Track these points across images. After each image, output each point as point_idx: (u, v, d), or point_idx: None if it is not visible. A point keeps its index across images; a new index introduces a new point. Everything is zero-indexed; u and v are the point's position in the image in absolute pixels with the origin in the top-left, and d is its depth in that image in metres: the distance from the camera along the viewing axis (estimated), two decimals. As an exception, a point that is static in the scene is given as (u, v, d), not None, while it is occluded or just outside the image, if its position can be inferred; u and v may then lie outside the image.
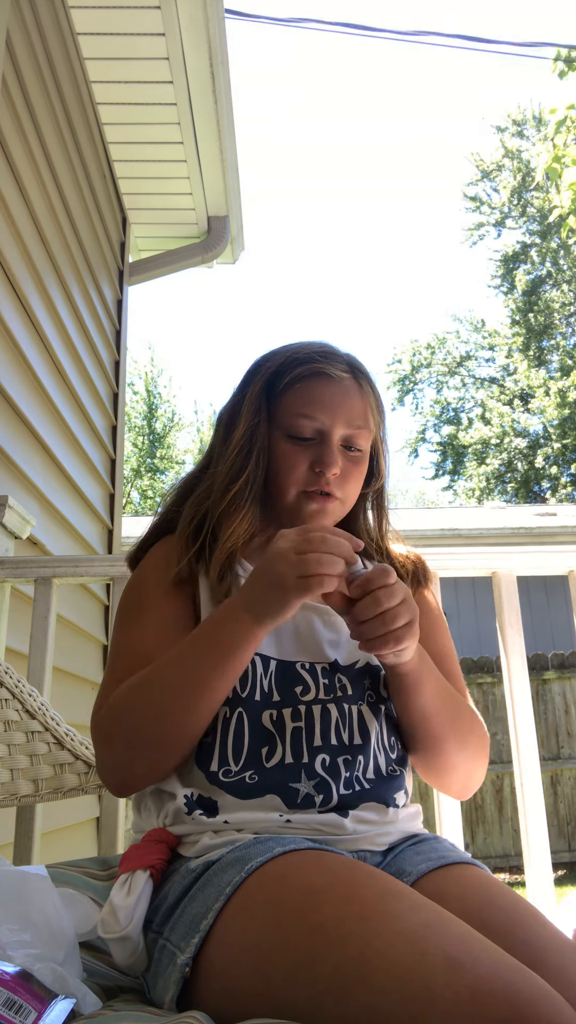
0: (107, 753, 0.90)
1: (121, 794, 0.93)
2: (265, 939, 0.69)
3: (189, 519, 1.02)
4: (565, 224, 6.83)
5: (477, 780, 1.03)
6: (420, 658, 0.91)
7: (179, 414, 20.77)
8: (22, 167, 2.19)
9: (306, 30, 5.77)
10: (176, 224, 3.75)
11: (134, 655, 0.93)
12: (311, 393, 1.00)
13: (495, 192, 20.42)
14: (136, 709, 0.87)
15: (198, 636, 0.88)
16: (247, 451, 1.01)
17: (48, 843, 2.08)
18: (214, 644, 0.86)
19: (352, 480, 1.02)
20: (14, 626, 1.72)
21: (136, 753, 0.89)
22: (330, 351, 1.04)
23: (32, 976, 0.68)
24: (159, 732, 0.87)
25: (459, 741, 0.98)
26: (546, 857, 1.42)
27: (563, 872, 5.75)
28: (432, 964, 0.60)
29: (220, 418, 1.08)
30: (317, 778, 0.88)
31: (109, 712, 0.89)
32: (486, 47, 6.31)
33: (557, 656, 6.36)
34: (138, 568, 1.06)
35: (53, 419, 2.48)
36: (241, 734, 0.89)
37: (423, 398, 21.05)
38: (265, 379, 1.03)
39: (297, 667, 0.95)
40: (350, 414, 1.00)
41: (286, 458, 1.00)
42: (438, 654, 1.04)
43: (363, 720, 0.94)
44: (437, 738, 0.96)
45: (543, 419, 19.21)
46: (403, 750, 0.99)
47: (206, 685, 0.86)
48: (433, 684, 0.95)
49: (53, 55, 2.51)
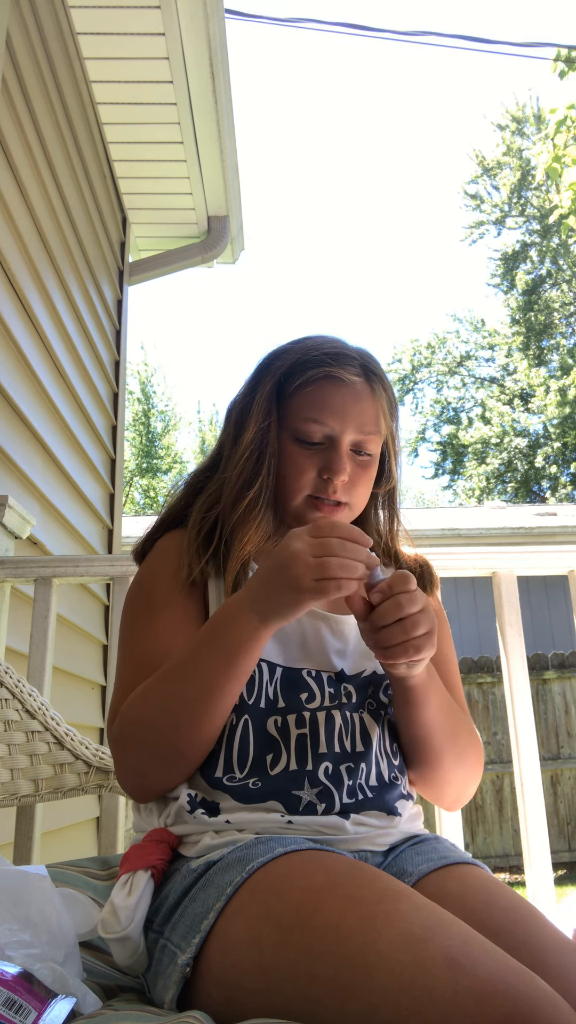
0: (126, 763, 0.90)
1: (143, 800, 0.93)
2: (266, 939, 0.69)
3: (199, 526, 1.00)
4: (565, 224, 6.83)
5: (469, 794, 1.03)
6: (428, 673, 0.90)
7: (179, 414, 20.75)
8: (22, 167, 2.19)
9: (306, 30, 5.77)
10: (176, 224, 3.74)
11: (146, 658, 0.93)
12: (321, 397, 0.98)
13: (495, 190, 20.41)
14: (150, 719, 0.87)
15: (204, 640, 0.87)
16: (258, 455, 0.98)
17: (48, 843, 2.08)
18: (221, 647, 0.84)
19: (361, 485, 1.01)
20: (14, 626, 1.72)
21: (154, 762, 0.88)
22: (342, 351, 1.00)
23: (32, 976, 0.68)
24: (174, 740, 0.86)
25: (457, 756, 0.97)
26: (546, 857, 1.42)
27: (563, 872, 5.75)
28: (432, 965, 0.60)
29: (229, 414, 1.06)
30: (320, 786, 0.87)
31: (124, 723, 0.89)
32: (486, 47, 6.30)
33: (557, 656, 6.36)
34: (145, 563, 1.04)
35: (53, 419, 2.48)
36: (246, 741, 0.89)
37: (423, 398, 21.05)
38: (275, 380, 1.01)
39: (303, 674, 0.94)
40: (361, 419, 0.98)
41: (294, 462, 0.98)
42: (439, 662, 1.03)
43: (365, 727, 0.94)
44: (436, 753, 0.96)
45: (543, 418, 19.21)
46: (404, 758, 0.99)
47: (217, 689, 0.85)
48: (437, 699, 0.94)
49: (53, 55, 2.51)
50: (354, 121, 45.31)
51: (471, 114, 46.99)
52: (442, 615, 1.12)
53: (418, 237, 43.82)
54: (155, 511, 17.89)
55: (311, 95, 47.91)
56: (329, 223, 46.79)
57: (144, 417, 19.69)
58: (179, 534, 1.03)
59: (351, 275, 46.58)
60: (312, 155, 46.33)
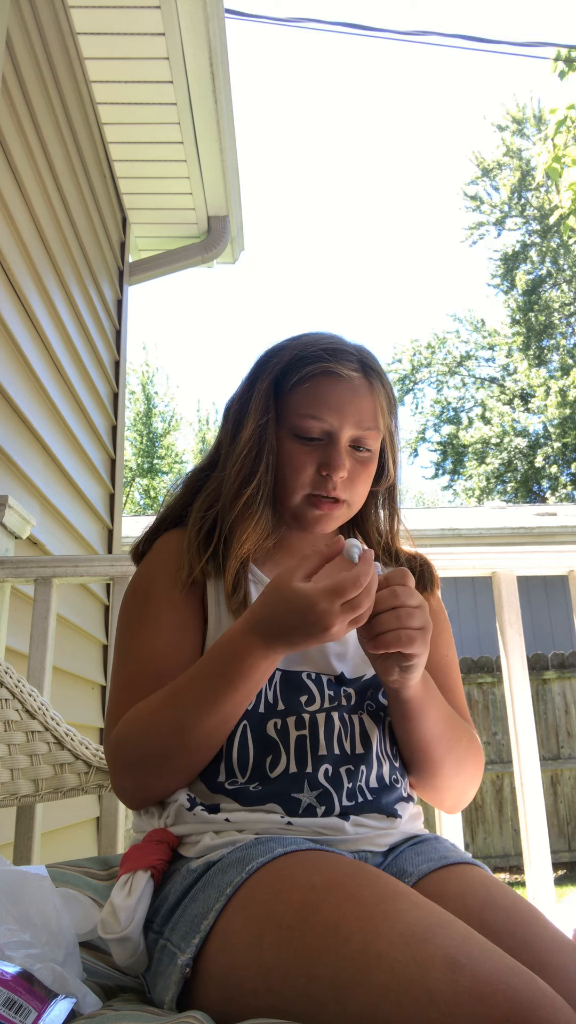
0: (123, 779, 0.90)
1: (138, 808, 0.93)
2: (265, 939, 0.69)
3: (199, 525, 0.99)
4: (565, 224, 6.83)
5: (469, 797, 1.03)
6: (425, 685, 0.90)
7: (179, 413, 20.75)
8: (22, 167, 2.19)
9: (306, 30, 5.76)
10: (176, 224, 3.74)
11: (142, 665, 0.92)
12: (319, 393, 0.97)
13: (495, 191, 20.40)
14: (151, 740, 0.86)
15: (212, 666, 0.85)
16: (256, 452, 0.98)
17: (48, 843, 2.08)
18: (231, 676, 0.83)
19: (360, 482, 1.00)
20: (14, 626, 1.72)
21: (153, 779, 0.88)
22: (340, 347, 0.99)
23: (32, 976, 0.68)
24: (175, 761, 0.87)
25: (456, 764, 0.97)
26: (546, 857, 1.42)
27: (563, 872, 5.75)
28: (432, 965, 0.59)
29: (228, 411, 1.05)
30: (320, 789, 0.87)
31: (123, 742, 0.88)
32: (486, 47, 6.30)
33: (557, 656, 6.36)
34: (143, 563, 1.04)
35: (53, 419, 2.48)
36: (245, 744, 0.89)
37: (423, 398, 21.04)
38: (273, 376, 1.00)
39: (302, 676, 0.94)
40: (359, 415, 0.98)
41: (292, 459, 0.98)
42: (440, 663, 1.03)
43: (364, 729, 0.93)
44: (435, 763, 0.96)
45: (543, 418, 19.21)
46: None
47: (230, 719, 0.86)
48: (436, 711, 0.93)
49: (53, 55, 2.51)
50: (354, 121, 45.34)
51: (471, 115, 47.04)
52: (443, 614, 1.12)
53: (418, 237, 43.85)
54: (155, 511, 17.80)
55: (311, 95, 47.94)
56: (329, 223, 46.83)
57: (145, 417, 19.69)
58: (178, 534, 1.03)
59: (351, 275, 46.61)
60: (312, 155, 46.36)
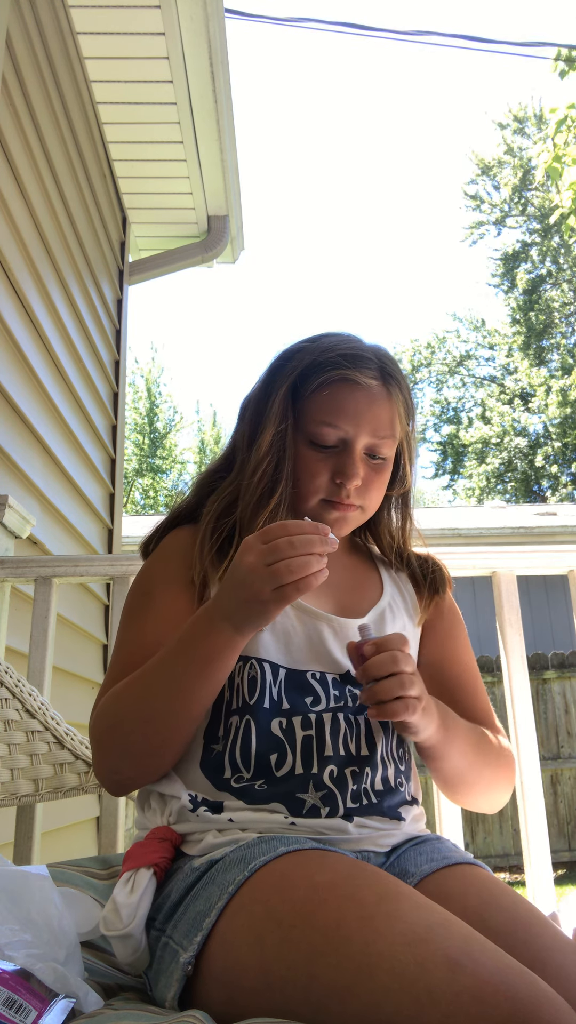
0: (99, 757, 0.91)
1: (118, 794, 0.94)
2: (267, 938, 0.69)
3: (216, 533, 0.98)
4: (566, 224, 6.84)
5: (504, 800, 1.04)
6: (443, 723, 0.91)
7: (180, 413, 20.74)
8: (22, 167, 2.19)
9: (306, 30, 5.76)
10: (176, 224, 3.74)
11: (133, 656, 0.93)
12: (336, 401, 0.96)
13: (495, 190, 20.41)
14: (123, 718, 0.87)
15: (180, 646, 0.86)
16: (276, 462, 0.97)
17: (48, 843, 2.08)
18: (196, 655, 0.84)
19: (374, 489, 1.00)
20: (14, 626, 1.72)
21: (126, 760, 0.89)
22: (358, 353, 0.98)
23: (32, 975, 0.68)
24: (146, 740, 0.87)
25: (488, 782, 0.99)
26: (546, 857, 1.42)
27: (563, 872, 5.74)
28: (433, 965, 0.60)
29: (244, 412, 1.04)
30: (324, 790, 0.87)
31: (99, 718, 0.90)
32: (486, 47, 6.30)
33: (557, 656, 6.36)
34: (150, 558, 1.04)
35: (53, 419, 2.48)
36: (249, 741, 0.89)
37: (423, 397, 21.05)
38: (291, 381, 0.99)
39: (307, 676, 0.94)
40: (375, 423, 0.97)
41: (308, 466, 0.97)
42: (460, 672, 1.04)
43: (370, 730, 0.93)
44: (467, 786, 0.98)
45: (543, 418, 19.21)
46: (409, 762, 0.99)
47: (190, 695, 0.85)
48: (459, 746, 0.94)
49: (53, 55, 2.51)
50: (354, 121, 45.34)
51: (472, 114, 47.01)
52: (458, 615, 1.12)
53: (418, 236, 43.84)
54: (155, 511, 17.90)
55: (311, 95, 47.94)
56: (329, 223, 46.82)
57: (149, 417, 19.70)
58: (187, 531, 1.03)
59: (351, 275, 46.61)
60: (312, 155, 46.35)
